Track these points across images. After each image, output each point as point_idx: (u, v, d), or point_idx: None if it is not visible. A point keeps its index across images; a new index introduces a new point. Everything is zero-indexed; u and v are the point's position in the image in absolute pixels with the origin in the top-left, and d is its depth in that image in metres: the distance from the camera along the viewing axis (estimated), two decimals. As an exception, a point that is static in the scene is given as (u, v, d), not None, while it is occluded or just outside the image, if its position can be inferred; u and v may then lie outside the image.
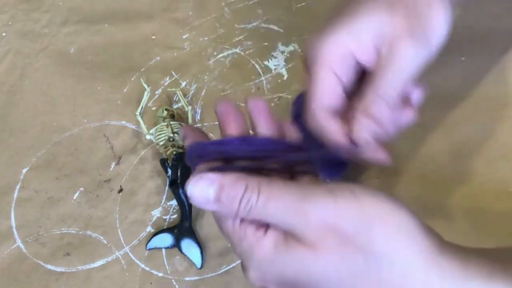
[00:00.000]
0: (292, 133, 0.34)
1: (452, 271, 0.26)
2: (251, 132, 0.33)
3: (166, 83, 0.59)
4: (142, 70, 0.61)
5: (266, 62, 0.59)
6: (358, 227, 0.26)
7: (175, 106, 0.57)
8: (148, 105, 0.57)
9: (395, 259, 0.26)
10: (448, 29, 0.34)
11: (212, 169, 0.30)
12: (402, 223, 0.27)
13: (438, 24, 0.34)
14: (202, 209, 0.49)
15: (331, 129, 0.34)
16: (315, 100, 0.35)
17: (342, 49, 0.34)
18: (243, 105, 0.34)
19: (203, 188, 0.28)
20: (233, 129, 0.32)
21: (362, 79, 0.36)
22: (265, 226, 0.28)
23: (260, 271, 0.28)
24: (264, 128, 0.32)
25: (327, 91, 0.35)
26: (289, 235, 0.27)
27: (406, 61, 0.33)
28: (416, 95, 0.37)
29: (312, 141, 0.35)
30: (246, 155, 0.31)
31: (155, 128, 0.53)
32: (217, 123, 0.34)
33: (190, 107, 0.55)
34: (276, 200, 0.27)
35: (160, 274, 0.47)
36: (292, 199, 0.27)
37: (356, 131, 0.33)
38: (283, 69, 0.58)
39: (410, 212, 0.27)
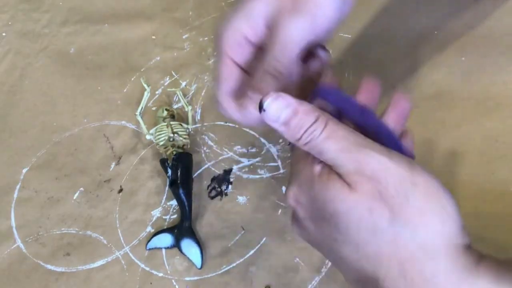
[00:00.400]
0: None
1: (462, 269, 0.26)
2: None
3: (166, 83, 0.59)
4: (142, 70, 0.61)
5: (266, 62, 0.59)
6: (400, 190, 0.27)
7: (175, 106, 0.57)
8: (148, 105, 0.57)
9: (419, 233, 0.27)
10: (339, 3, 0.35)
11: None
12: (444, 211, 0.27)
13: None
14: (201, 207, 0.49)
15: (230, 109, 0.36)
16: (218, 86, 0.37)
17: (236, 34, 0.36)
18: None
19: (279, 107, 0.30)
20: (364, 97, 0.34)
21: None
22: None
23: (298, 190, 0.31)
24: (390, 120, 0.33)
25: (226, 77, 0.37)
26: (333, 171, 0.29)
27: (287, 34, 0.34)
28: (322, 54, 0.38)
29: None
30: (356, 123, 0.33)
31: (155, 128, 0.53)
32: (217, 123, 0.34)
33: (190, 107, 0.55)
34: (336, 140, 0.29)
35: (160, 274, 0.47)
36: (350, 144, 0.28)
37: (246, 107, 0.35)
38: (283, 69, 0.58)
39: (457, 210, 0.28)
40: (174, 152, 0.50)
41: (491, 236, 0.42)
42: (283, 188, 0.49)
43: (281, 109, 0.30)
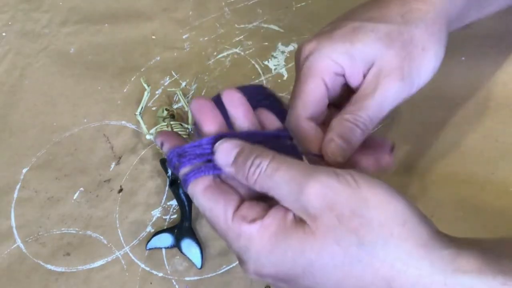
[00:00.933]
0: (271, 121, 0.35)
1: (442, 263, 0.26)
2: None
3: (166, 83, 0.59)
4: (142, 70, 0.61)
5: (266, 62, 0.59)
6: (355, 209, 0.27)
7: (175, 106, 0.57)
8: (148, 105, 0.57)
9: (388, 245, 0.26)
10: (434, 74, 0.37)
11: (198, 171, 0.31)
12: (398, 211, 0.27)
13: (426, 71, 0.37)
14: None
15: (311, 137, 0.36)
16: (302, 106, 0.37)
17: (335, 65, 0.36)
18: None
19: (228, 148, 0.31)
20: (211, 126, 0.33)
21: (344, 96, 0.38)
22: (261, 215, 0.29)
23: (257, 264, 0.29)
24: (242, 121, 0.34)
25: (313, 100, 0.36)
26: (287, 219, 0.28)
27: (387, 97, 0.35)
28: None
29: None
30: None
31: (155, 128, 0.53)
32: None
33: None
34: (283, 171, 0.28)
35: (160, 274, 0.47)
36: (298, 173, 0.28)
37: (325, 146, 0.35)
38: (283, 69, 0.58)
39: (407, 201, 0.28)
40: (174, 152, 0.50)
41: (491, 236, 0.42)
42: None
43: (230, 150, 0.31)
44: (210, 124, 0.33)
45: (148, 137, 0.53)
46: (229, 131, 0.33)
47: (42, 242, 0.50)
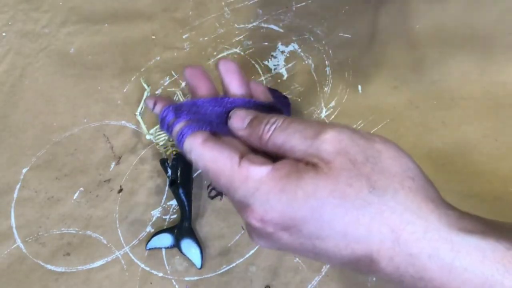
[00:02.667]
0: (263, 93, 0.36)
1: (448, 220, 0.27)
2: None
3: (166, 83, 0.59)
4: (142, 70, 0.61)
5: (266, 62, 0.59)
6: (368, 156, 0.28)
7: (175, 106, 0.57)
8: (148, 105, 0.57)
9: (399, 195, 0.27)
10: None
11: (197, 124, 0.32)
12: (409, 166, 0.28)
13: None
14: (201, 207, 0.49)
15: None
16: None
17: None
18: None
19: (243, 114, 0.32)
20: (204, 91, 0.34)
21: None
22: (270, 162, 0.29)
23: (264, 207, 0.28)
24: (236, 89, 0.34)
25: None
26: (299, 163, 0.29)
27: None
28: None
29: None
30: (220, 116, 0.33)
31: (155, 128, 0.53)
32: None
33: (190, 107, 0.55)
34: (298, 123, 0.30)
35: (160, 274, 0.47)
36: (313, 123, 0.29)
37: None
38: (283, 69, 0.58)
39: (418, 165, 0.29)
40: (174, 152, 0.51)
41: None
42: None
43: (244, 115, 0.32)
44: (204, 88, 0.34)
45: (148, 137, 0.53)
46: (224, 95, 0.34)
47: (42, 242, 0.50)
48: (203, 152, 0.31)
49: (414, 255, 0.26)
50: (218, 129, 0.33)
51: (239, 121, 0.32)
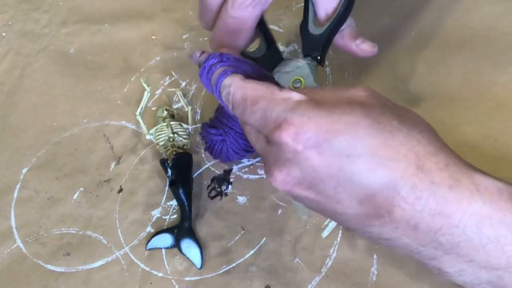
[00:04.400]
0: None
1: (467, 168, 0.30)
2: None
3: (166, 83, 0.59)
4: (142, 70, 0.61)
5: (266, 62, 0.58)
6: (395, 105, 0.32)
7: (175, 106, 0.57)
8: (148, 105, 0.57)
9: (423, 134, 0.30)
10: None
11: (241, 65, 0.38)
12: (428, 125, 0.32)
13: None
14: (201, 207, 0.49)
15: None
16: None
17: None
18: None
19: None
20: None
21: None
22: None
23: (301, 119, 0.30)
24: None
25: None
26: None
27: None
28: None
29: None
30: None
31: (155, 128, 0.53)
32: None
33: (190, 107, 0.55)
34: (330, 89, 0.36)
35: (160, 274, 0.47)
36: (340, 86, 0.36)
37: None
38: (283, 69, 0.58)
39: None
40: (174, 152, 0.50)
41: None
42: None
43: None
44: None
45: (148, 137, 0.53)
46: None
47: (42, 242, 0.50)
48: (243, 84, 0.34)
49: (436, 184, 0.28)
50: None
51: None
